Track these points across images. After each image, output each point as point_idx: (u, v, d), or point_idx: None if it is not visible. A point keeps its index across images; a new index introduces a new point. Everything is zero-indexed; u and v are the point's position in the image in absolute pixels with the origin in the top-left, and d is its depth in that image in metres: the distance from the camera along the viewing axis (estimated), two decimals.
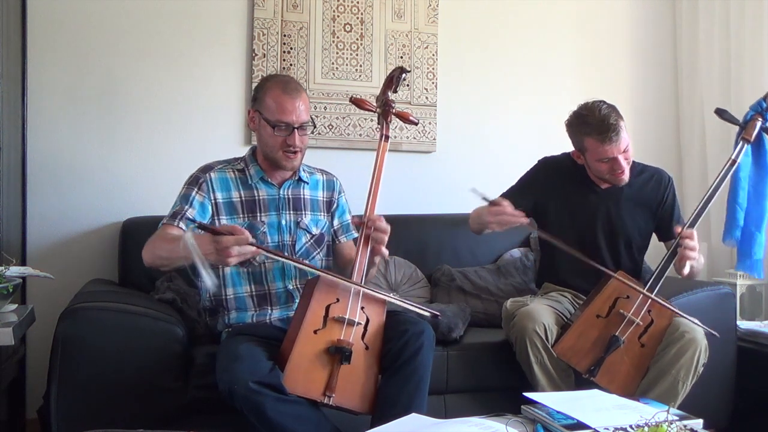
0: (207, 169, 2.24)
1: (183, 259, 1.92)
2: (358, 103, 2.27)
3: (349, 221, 2.39)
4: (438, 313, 2.18)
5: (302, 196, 2.30)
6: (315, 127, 2.29)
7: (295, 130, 2.17)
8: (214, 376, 1.96)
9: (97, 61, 2.92)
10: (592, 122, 2.37)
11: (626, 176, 2.42)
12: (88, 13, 2.91)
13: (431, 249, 3.06)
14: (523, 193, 2.52)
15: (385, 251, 2.10)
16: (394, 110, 2.25)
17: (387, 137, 2.21)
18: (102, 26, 2.92)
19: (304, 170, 2.32)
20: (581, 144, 2.42)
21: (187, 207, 2.16)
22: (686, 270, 2.28)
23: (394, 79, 2.25)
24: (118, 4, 2.94)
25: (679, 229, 2.29)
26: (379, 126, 2.25)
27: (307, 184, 2.32)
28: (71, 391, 2.05)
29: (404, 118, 2.28)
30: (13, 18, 2.65)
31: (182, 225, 2.13)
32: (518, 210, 2.32)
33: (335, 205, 2.38)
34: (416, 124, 2.38)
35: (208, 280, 1.82)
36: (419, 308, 2.10)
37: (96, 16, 2.92)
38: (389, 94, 2.25)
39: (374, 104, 2.28)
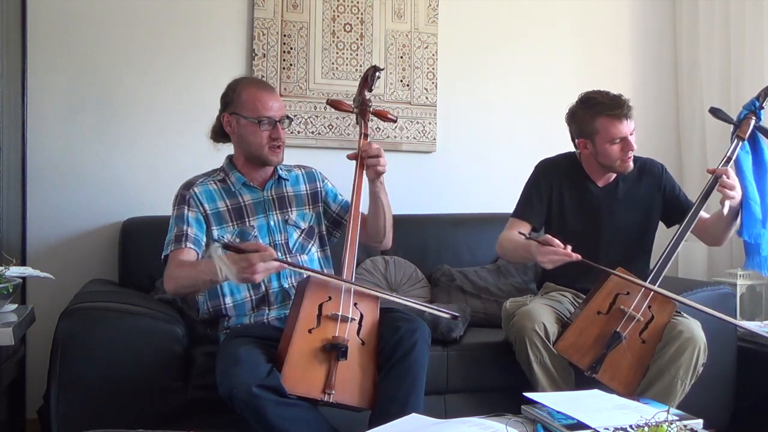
0: (189, 185, 2.25)
1: (209, 283, 2.01)
2: (335, 104, 2.29)
3: (346, 200, 2.40)
4: (436, 311, 2.18)
5: (285, 194, 2.32)
6: (291, 121, 2.33)
7: (277, 123, 2.21)
8: (214, 376, 1.96)
9: (97, 61, 2.92)
10: (605, 101, 2.39)
11: (632, 162, 2.43)
12: (88, 13, 2.91)
13: (431, 249, 3.06)
14: (536, 204, 2.51)
15: (381, 169, 2.17)
16: (371, 109, 2.27)
17: (366, 135, 2.24)
18: (102, 27, 2.92)
19: (281, 169, 2.33)
20: (591, 127, 2.41)
21: (185, 227, 2.17)
22: (726, 209, 2.29)
23: (368, 78, 2.26)
24: (118, 4, 2.94)
25: (711, 169, 2.32)
26: (358, 125, 2.27)
27: (288, 181, 2.34)
28: (71, 391, 2.05)
29: (382, 116, 2.29)
30: (13, 18, 2.65)
31: (190, 245, 2.14)
32: (539, 224, 2.47)
33: (323, 193, 2.40)
34: (394, 121, 2.38)
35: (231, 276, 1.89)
36: (420, 306, 2.11)
37: (96, 16, 2.92)
38: (365, 93, 2.27)
39: (351, 105, 2.29)
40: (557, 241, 2.18)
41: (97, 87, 2.93)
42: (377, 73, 2.26)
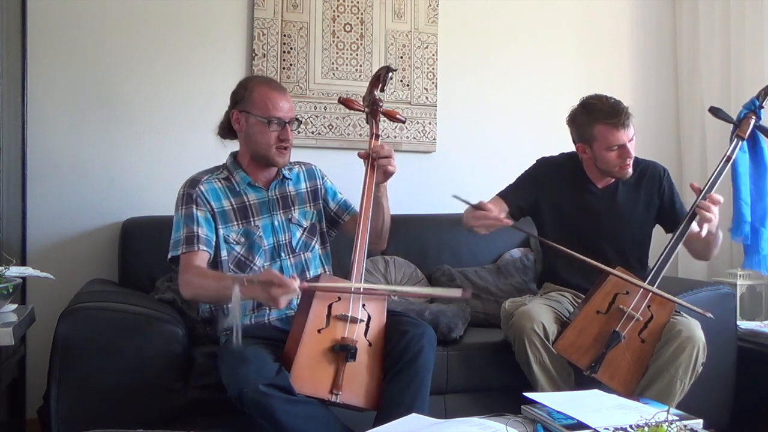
0: (194, 183, 2.24)
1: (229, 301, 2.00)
2: (346, 103, 2.29)
3: (344, 199, 2.41)
4: (444, 293, 2.18)
5: (288, 193, 2.32)
6: (300, 123, 2.31)
7: (287, 124, 2.21)
8: (214, 377, 1.97)
9: (97, 60, 2.92)
10: (604, 108, 2.38)
11: (631, 169, 2.43)
12: (88, 13, 2.91)
13: (431, 249, 3.06)
14: (522, 190, 2.54)
15: (392, 169, 2.18)
16: (381, 109, 2.27)
17: (377, 135, 2.24)
18: (102, 26, 2.92)
19: (284, 168, 2.33)
20: (590, 134, 2.41)
21: (196, 227, 2.16)
22: (704, 231, 2.27)
23: (380, 78, 2.27)
24: (118, 4, 2.94)
25: (695, 186, 2.31)
26: (369, 125, 2.28)
27: (290, 180, 2.34)
28: (71, 391, 2.05)
29: (391, 116, 2.30)
30: (13, 18, 2.65)
31: (203, 247, 2.14)
32: (517, 208, 2.48)
33: (323, 191, 2.40)
34: (403, 122, 2.39)
35: (234, 339, 1.88)
36: (425, 291, 2.11)
37: (96, 16, 2.92)
38: (376, 93, 2.27)
39: (362, 104, 2.29)
40: (491, 206, 2.24)
41: (97, 87, 2.92)
42: (390, 74, 2.27)
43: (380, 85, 2.26)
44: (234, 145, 2.35)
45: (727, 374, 2.61)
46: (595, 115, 2.39)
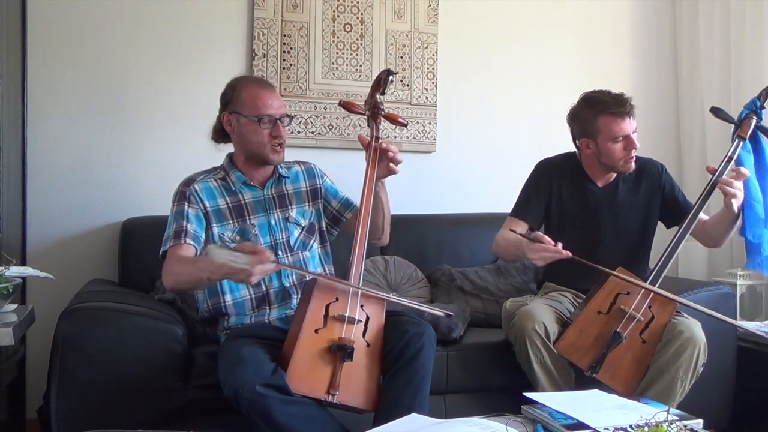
0: (190, 182, 2.25)
1: (206, 281, 2.04)
2: (347, 106, 2.29)
3: (346, 197, 2.41)
4: (434, 310, 2.18)
5: (285, 192, 2.32)
6: (292, 120, 2.33)
7: (278, 121, 2.21)
8: (214, 377, 1.97)
9: (97, 61, 2.92)
10: (608, 99, 2.39)
11: (633, 163, 2.42)
12: (88, 13, 2.91)
13: (431, 249, 3.06)
14: (533, 201, 2.52)
15: (395, 169, 2.19)
16: (383, 112, 2.27)
17: (378, 138, 2.24)
18: (102, 26, 2.92)
19: (281, 166, 2.33)
20: (594, 127, 2.40)
21: (185, 223, 2.17)
22: (735, 207, 2.27)
23: (381, 82, 2.27)
24: (118, 4, 2.94)
25: (711, 168, 2.31)
26: (369, 128, 2.27)
27: (288, 178, 2.34)
28: (71, 391, 2.05)
29: (393, 120, 2.30)
30: (13, 18, 2.65)
31: (189, 241, 2.14)
32: (535, 222, 2.46)
33: (323, 190, 2.40)
34: (405, 125, 2.40)
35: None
36: (419, 307, 2.12)
37: (96, 16, 2.92)
38: (377, 96, 2.27)
39: (363, 107, 2.29)
40: (548, 238, 2.18)
41: (97, 86, 2.93)
42: (390, 77, 2.27)
43: (381, 89, 2.27)
44: (228, 148, 2.36)
45: (727, 374, 2.62)
46: (600, 107, 2.39)
